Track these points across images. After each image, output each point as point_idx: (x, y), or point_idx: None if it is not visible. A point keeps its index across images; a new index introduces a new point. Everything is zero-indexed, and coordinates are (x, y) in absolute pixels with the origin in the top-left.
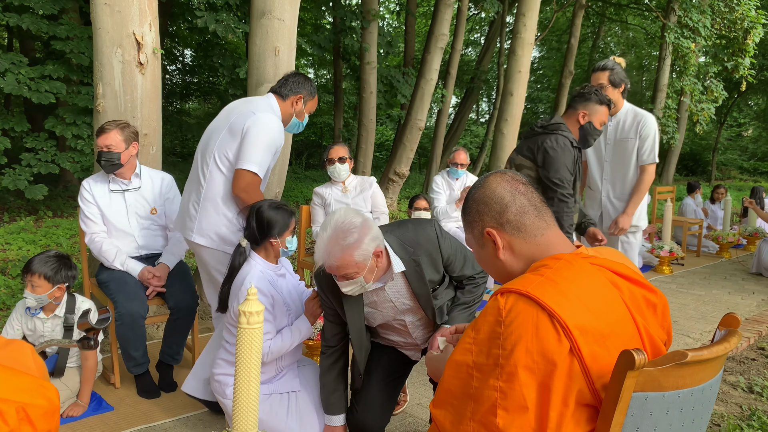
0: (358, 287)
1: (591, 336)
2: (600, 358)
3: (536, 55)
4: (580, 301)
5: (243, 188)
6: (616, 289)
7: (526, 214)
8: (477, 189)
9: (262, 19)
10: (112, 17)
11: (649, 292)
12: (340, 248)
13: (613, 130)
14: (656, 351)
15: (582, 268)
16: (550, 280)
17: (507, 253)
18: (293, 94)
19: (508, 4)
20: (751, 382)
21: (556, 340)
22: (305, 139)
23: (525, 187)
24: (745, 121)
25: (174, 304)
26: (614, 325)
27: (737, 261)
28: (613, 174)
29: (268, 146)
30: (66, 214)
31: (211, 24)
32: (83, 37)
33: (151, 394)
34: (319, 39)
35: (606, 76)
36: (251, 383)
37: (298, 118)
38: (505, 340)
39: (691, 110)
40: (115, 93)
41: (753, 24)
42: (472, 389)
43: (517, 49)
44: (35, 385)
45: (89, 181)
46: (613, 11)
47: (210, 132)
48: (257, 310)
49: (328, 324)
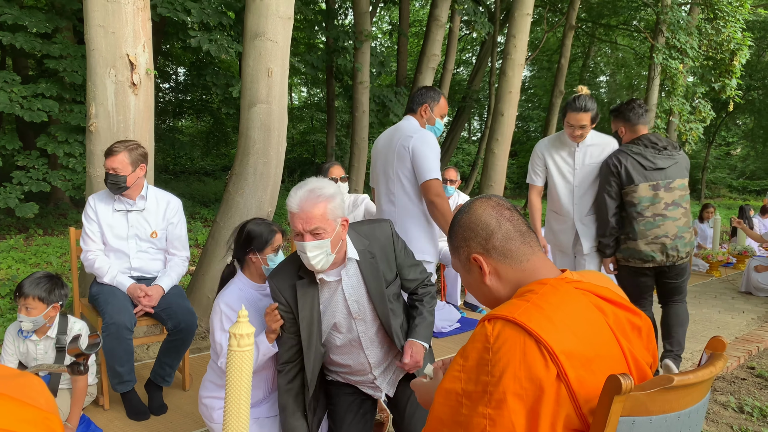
0: (323, 254)
1: (577, 361)
2: (586, 383)
3: (527, 75)
4: (566, 326)
5: (435, 193)
6: (600, 313)
7: (512, 240)
8: (462, 214)
9: (255, 40)
10: (105, 38)
11: (634, 315)
12: (315, 197)
13: (582, 157)
14: (642, 374)
15: (567, 292)
16: (536, 306)
17: (493, 278)
18: (419, 105)
19: (499, 25)
20: (742, 402)
21: (543, 365)
22: (298, 156)
23: (510, 212)
24: (734, 140)
25: (174, 325)
26: (600, 349)
27: (727, 280)
28: (583, 196)
29: (436, 154)
30: (56, 232)
31: (204, 44)
32: (77, 55)
33: (141, 416)
34: (312, 59)
35: (588, 117)
36: (241, 406)
37: (430, 123)
38: (493, 366)
39: (680, 130)
40: (108, 113)
41: (739, 46)
42: (461, 417)
43: (508, 70)
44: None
45: (95, 198)
46: (602, 32)
47: (380, 170)
48: (248, 332)
49: (285, 337)
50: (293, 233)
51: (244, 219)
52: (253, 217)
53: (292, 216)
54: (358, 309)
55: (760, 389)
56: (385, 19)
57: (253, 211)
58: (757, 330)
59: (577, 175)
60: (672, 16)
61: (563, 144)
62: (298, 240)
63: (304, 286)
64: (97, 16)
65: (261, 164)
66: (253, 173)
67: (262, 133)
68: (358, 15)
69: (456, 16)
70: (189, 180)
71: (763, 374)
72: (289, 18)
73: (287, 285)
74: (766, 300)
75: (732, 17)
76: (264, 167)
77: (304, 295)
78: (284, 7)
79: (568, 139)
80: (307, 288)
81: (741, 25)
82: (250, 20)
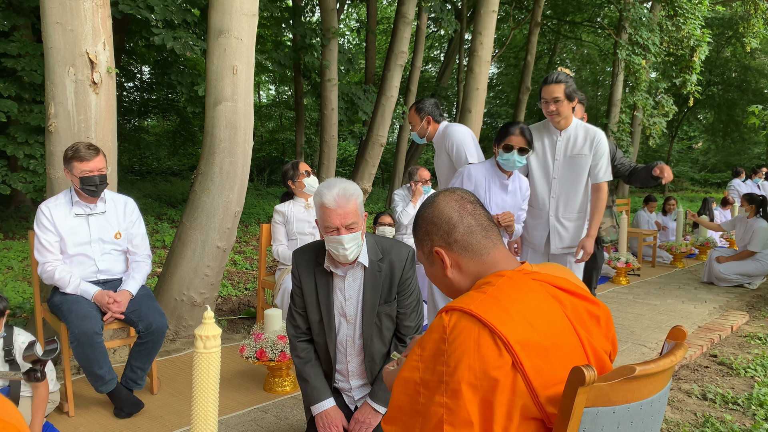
0: (356, 246)
1: (533, 350)
2: (543, 372)
3: (494, 72)
4: (521, 317)
5: None
6: (558, 303)
7: (473, 234)
8: (426, 208)
9: (219, 38)
10: (64, 36)
11: (592, 305)
12: (349, 195)
13: (564, 146)
14: (600, 363)
15: (524, 284)
16: (492, 297)
17: (455, 271)
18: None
19: (466, 23)
20: (705, 389)
21: (497, 355)
22: (267, 155)
23: (473, 206)
24: (695, 134)
25: (145, 327)
26: (556, 338)
27: (690, 271)
28: (562, 191)
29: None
30: (18, 235)
31: (168, 42)
32: (35, 54)
33: (135, 407)
34: (279, 56)
35: (562, 89)
36: (209, 407)
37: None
38: (449, 357)
39: (643, 124)
40: (68, 113)
41: (698, 42)
42: (419, 406)
43: (475, 67)
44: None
45: (48, 205)
46: (567, 29)
47: (439, 166)
48: (214, 334)
49: (292, 311)
50: (327, 228)
51: (210, 219)
52: None
53: (330, 212)
54: (352, 312)
55: (722, 376)
56: (352, 17)
57: (220, 210)
58: (719, 319)
59: (557, 167)
60: (634, 13)
61: (546, 130)
62: (333, 234)
63: (323, 273)
64: (55, 13)
65: (227, 163)
66: (219, 172)
67: (228, 132)
68: (325, 12)
69: (423, 14)
70: (156, 180)
71: (725, 362)
72: (254, 15)
73: (305, 266)
74: (728, 290)
75: (691, 14)
76: (230, 166)
77: (321, 280)
78: (248, 4)
79: (551, 125)
80: (323, 275)
81: (700, 22)
82: (214, 17)
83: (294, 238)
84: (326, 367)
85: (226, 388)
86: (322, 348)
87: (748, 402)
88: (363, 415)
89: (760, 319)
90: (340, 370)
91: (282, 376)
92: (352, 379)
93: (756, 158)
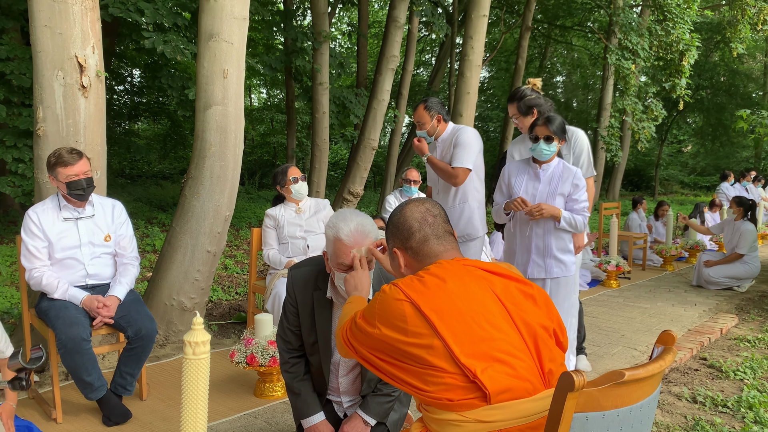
0: None
1: (447, 315)
2: (460, 333)
3: (485, 76)
4: (437, 288)
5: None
6: (485, 281)
7: (427, 243)
8: (396, 213)
9: (209, 41)
10: (52, 39)
11: (525, 286)
12: (366, 233)
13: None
14: (532, 333)
15: (451, 266)
16: (418, 276)
17: (407, 269)
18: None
19: (457, 27)
20: (695, 392)
21: (415, 317)
22: (258, 158)
23: (434, 218)
24: (684, 138)
25: (134, 332)
26: (473, 303)
27: (680, 274)
28: None
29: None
30: (6, 240)
31: (159, 45)
32: (24, 57)
33: (124, 417)
34: (270, 60)
35: (514, 107)
36: (198, 414)
37: None
38: (376, 314)
39: (633, 128)
40: (57, 117)
41: (687, 47)
42: (354, 316)
43: (466, 71)
44: None
45: (36, 210)
46: (558, 33)
47: None
48: (203, 340)
49: (284, 328)
50: (339, 266)
51: (201, 224)
52: None
53: (345, 249)
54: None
55: (711, 379)
56: (344, 20)
57: (210, 214)
58: (708, 322)
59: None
60: (624, 17)
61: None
62: (345, 271)
63: (321, 297)
64: (43, 17)
65: (218, 167)
66: (210, 176)
67: (219, 136)
68: (316, 16)
69: (414, 18)
70: (146, 184)
71: (714, 365)
72: (245, 19)
73: (302, 287)
74: (717, 293)
75: (680, 19)
76: (221, 170)
77: (320, 304)
78: (239, 7)
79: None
80: (322, 300)
81: (689, 27)
82: (204, 21)
83: (285, 242)
84: (318, 383)
85: (216, 393)
86: (315, 366)
87: (737, 405)
88: (352, 426)
89: (749, 322)
90: (332, 387)
91: (273, 381)
92: (344, 395)
93: (744, 162)
